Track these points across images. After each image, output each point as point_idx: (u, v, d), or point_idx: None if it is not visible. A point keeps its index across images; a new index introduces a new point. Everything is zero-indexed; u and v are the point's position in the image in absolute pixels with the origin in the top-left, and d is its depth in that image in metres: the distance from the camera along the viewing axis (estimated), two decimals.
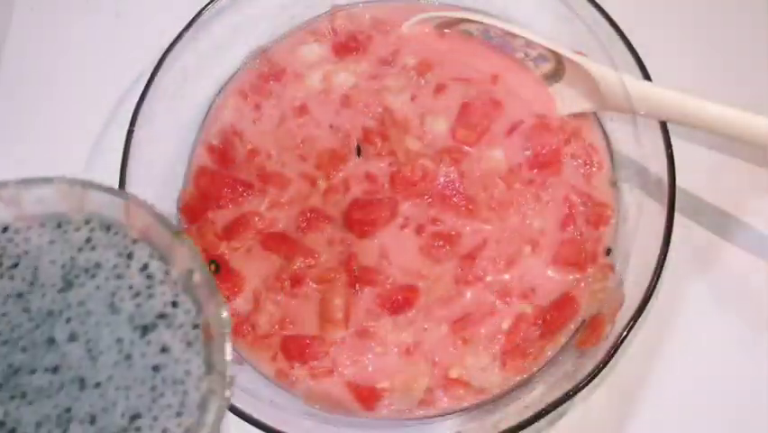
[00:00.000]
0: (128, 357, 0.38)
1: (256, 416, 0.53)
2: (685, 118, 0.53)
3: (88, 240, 0.40)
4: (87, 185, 0.39)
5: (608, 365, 0.52)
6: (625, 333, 0.53)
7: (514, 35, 0.62)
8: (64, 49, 0.73)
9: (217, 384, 0.37)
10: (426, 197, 0.61)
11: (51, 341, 0.38)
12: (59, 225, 0.40)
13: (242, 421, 0.52)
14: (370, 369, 0.58)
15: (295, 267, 0.59)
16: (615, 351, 0.52)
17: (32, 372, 0.37)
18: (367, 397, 0.57)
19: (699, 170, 0.64)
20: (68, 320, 0.38)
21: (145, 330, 0.38)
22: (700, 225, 0.64)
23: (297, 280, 0.59)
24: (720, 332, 0.61)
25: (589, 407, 0.59)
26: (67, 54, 0.72)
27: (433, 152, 0.62)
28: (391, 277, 0.59)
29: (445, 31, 0.67)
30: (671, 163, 0.56)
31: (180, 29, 0.61)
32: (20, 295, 0.39)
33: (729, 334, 0.61)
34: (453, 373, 0.57)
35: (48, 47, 0.73)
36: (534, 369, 0.57)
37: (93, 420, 0.37)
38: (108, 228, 0.40)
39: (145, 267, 0.39)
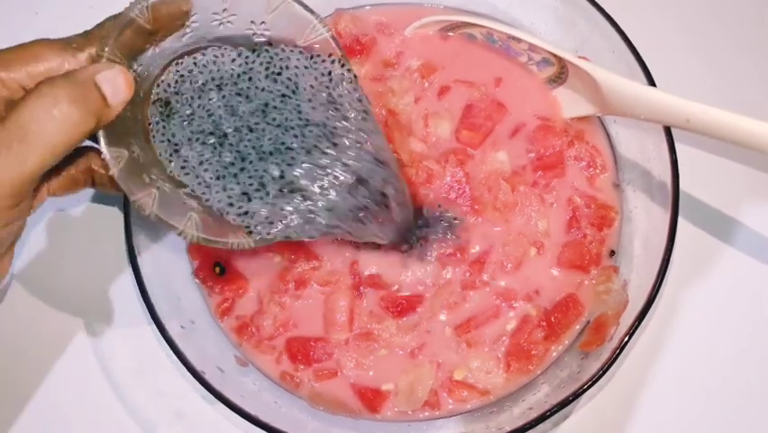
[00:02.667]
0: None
1: (261, 418, 0.52)
2: (688, 124, 0.53)
3: (329, 72, 0.52)
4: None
5: (613, 366, 0.52)
6: (629, 334, 0.53)
7: (517, 39, 0.63)
8: None
9: None
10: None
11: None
12: (311, 57, 0.52)
13: (247, 423, 0.52)
14: (375, 371, 0.58)
15: (299, 269, 0.60)
16: (619, 352, 0.53)
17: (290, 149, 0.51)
18: (371, 399, 0.57)
19: (702, 174, 0.64)
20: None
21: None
22: (703, 227, 0.64)
23: (301, 282, 0.59)
24: (723, 333, 0.61)
25: (593, 408, 0.59)
26: None
27: (437, 154, 0.62)
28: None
29: (449, 34, 0.67)
30: (674, 167, 0.57)
31: None
32: (284, 96, 0.51)
33: (732, 335, 0.61)
34: (458, 375, 0.57)
35: None
36: (539, 370, 0.57)
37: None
38: (342, 65, 0.52)
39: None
